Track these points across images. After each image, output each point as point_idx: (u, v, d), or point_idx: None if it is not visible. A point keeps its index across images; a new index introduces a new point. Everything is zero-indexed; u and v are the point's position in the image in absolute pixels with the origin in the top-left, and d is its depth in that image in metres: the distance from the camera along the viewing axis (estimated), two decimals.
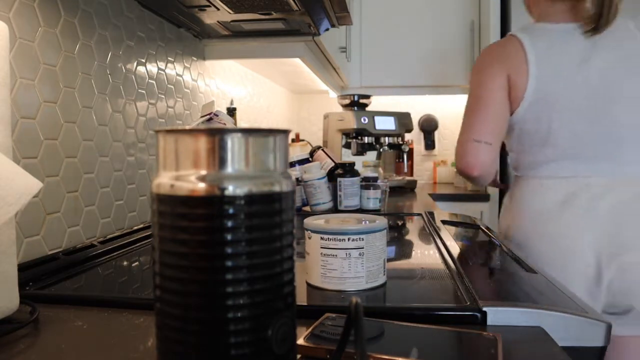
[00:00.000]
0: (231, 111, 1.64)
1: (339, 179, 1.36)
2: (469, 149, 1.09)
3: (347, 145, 2.19)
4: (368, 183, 1.38)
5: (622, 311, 1.01)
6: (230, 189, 0.33)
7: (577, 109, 1.05)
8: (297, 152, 1.97)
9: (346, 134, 2.18)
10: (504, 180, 2.09)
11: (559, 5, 1.11)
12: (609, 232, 0.99)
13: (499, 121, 1.09)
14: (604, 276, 0.99)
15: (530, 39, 1.09)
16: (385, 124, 2.12)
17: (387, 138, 2.18)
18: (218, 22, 1.30)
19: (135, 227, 1.06)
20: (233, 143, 0.34)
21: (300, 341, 0.43)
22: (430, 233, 1.03)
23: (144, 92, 1.15)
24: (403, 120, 2.17)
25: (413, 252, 0.87)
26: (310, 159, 1.57)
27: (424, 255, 0.83)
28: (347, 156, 2.20)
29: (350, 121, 2.10)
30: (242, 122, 1.87)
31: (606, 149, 1.04)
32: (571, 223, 1.02)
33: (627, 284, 0.99)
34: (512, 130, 1.14)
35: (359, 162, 1.65)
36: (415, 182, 2.22)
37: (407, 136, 2.39)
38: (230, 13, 1.20)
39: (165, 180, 0.34)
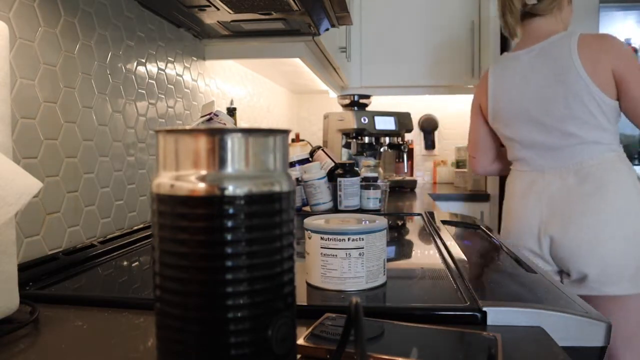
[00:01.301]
0: (231, 111, 1.64)
1: (339, 179, 1.36)
2: (469, 161, 1.62)
3: (347, 145, 2.19)
4: (368, 183, 1.38)
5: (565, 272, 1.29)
6: (230, 189, 0.33)
7: (523, 119, 1.32)
8: (297, 152, 1.97)
9: (346, 134, 2.17)
10: None
11: (522, 32, 1.38)
12: (548, 211, 1.28)
13: (479, 140, 1.51)
14: (542, 243, 1.30)
15: (493, 68, 1.42)
16: (385, 124, 2.12)
17: (387, 138, 2.18)
18: (218, 22, 1.30)
19: (135, 227, 1.06)
20: (233, 143, 0.34)
21: (300, 341, 0.43)
22: (430, 233, 1.03)
23: (144, 92, 1.15)
24: (403, 120, 2.17)
25: (413, 252, 0.87)
26: (310, 159, 1.57)
27: (424, 255, 0.83)
28: (347, 156, 2.20)
29: (350, 121, 2.10)
30: (242, 122, 1.87)
31: (556, 147, 1.28)
32: (528, 203, 1.33)
33: (557, 251, 1.27)
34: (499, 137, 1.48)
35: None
36: (415, 182, 2.22)
37: (407, 136, 2.39)
38: (230, 13, 1.20)
39: (165, 180, 0.34)
